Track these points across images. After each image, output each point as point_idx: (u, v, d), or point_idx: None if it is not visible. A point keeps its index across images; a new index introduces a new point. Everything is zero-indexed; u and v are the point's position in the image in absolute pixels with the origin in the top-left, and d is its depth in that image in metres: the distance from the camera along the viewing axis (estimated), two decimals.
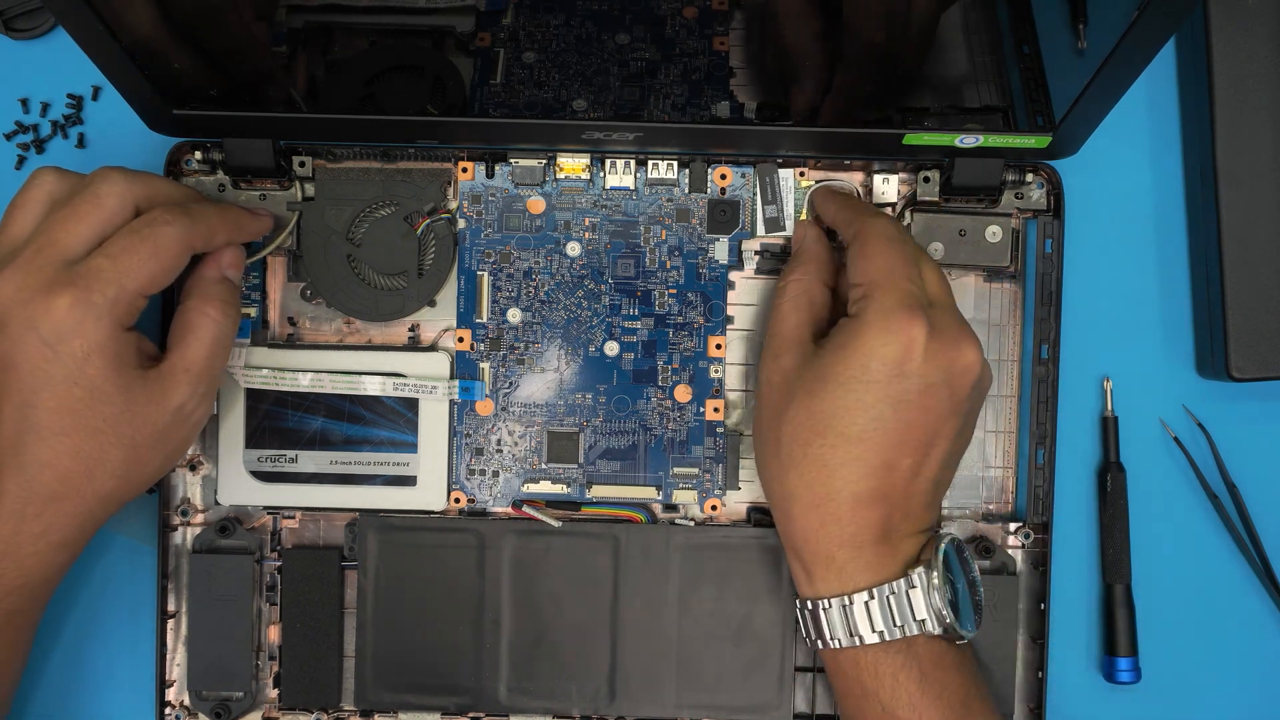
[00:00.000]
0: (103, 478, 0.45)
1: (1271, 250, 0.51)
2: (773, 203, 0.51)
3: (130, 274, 0.44)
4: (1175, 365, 0.54)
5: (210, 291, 0.48)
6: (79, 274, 0.44)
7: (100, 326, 0.43)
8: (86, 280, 0.43)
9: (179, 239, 0.45)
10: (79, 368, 0.43)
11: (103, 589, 0.53)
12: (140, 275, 0.44)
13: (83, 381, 0.44)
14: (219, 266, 0.49)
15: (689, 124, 0.51)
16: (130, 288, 0.44)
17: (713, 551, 0.51)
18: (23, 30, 0.54)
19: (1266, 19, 0.51)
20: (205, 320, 0.47)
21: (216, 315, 0.47)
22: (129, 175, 0.46)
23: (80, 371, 0.43)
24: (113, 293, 0.44)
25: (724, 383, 0.52)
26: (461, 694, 0.51)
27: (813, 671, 0.52)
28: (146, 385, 0.45)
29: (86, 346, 0.43)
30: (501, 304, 0.52)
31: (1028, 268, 0.52)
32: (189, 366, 0.46)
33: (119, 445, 0.45)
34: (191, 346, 0.47)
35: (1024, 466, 0.52)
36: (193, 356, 0.47)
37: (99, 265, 0.44)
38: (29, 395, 0.43)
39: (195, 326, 0.47)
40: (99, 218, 0.45)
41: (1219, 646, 0.53)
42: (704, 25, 0.52)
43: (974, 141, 0.48)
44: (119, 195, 0.45)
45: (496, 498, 0.52)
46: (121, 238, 0.45)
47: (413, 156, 0.52)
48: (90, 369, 0.44)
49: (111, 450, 0.45)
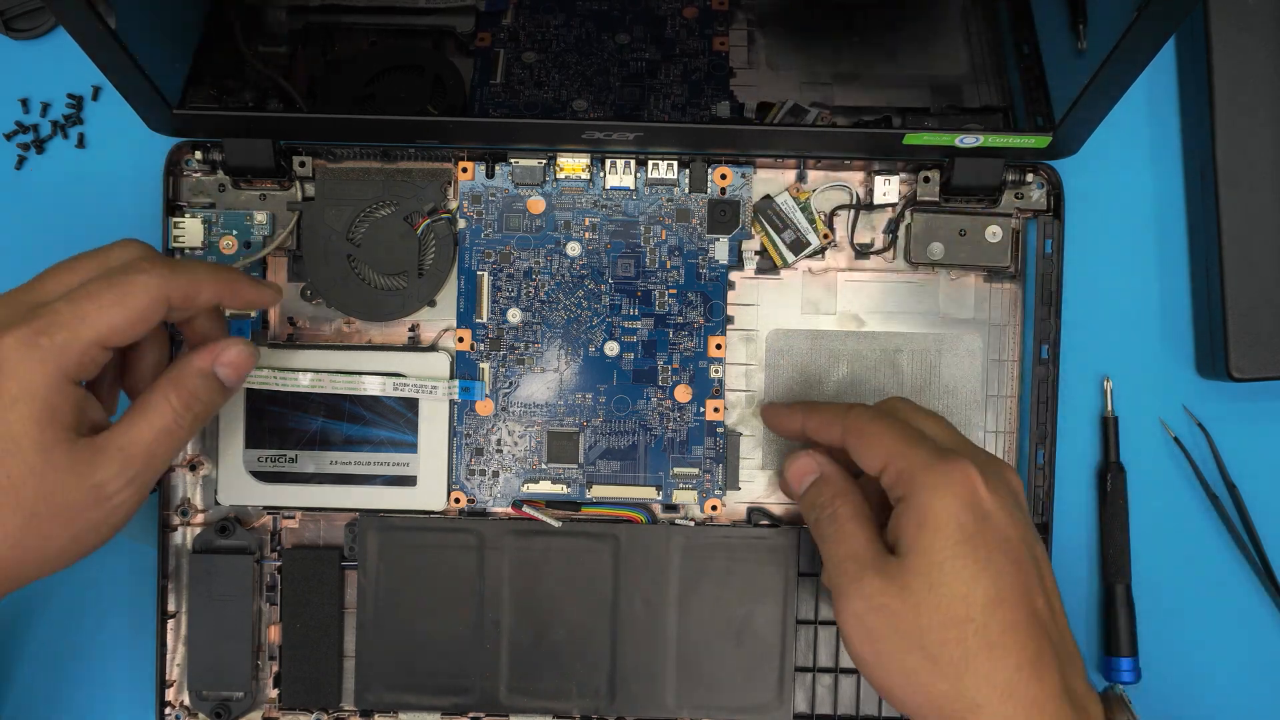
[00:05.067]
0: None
1: (1271, 250, 0.51)
2: (786, 228, 0.51)
3: (88, 319, 0.40)
4: (1175, 365, 0.54)
5: (186, 382, 0.43)
6: (34, 314, 0.40)
7: (40, 371, 0.39)
8: (41, 321, 0.39)
9: (152, 287, 0.41)
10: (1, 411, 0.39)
11: (103, 589, 0.53)
12: (99, 322, 0.40)
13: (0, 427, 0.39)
14: (211, 358, 0.44)
15: (689, 124, 0.51)
16: (85, 335, 0.40)
17: (713, 551, 0.51)
18: (23, 30, 0.54)
19: (1266, 19, 0.51)
20: (164, 406, 0.42)
21: (178, 406, 0.43)
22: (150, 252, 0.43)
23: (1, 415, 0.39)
24: (62, 338, 0.39)
25: (724, 383, 0.52)
26: (461, 694, 0.51)
27: (812, 671, 0.52)
28: (71, 451, 0.40)
29: (16, 390, 0.39)
30: (501, 304, 0.52)
31: (1028, 268, 0.52)
32: (125, 446, 0.41)
33: (16, 509, 0.39)
34: (137, 426, 0.42)
35: (1024, 466, 0.52)
36: (134, 437, 0.42)
37: (56, 307, 0.40)
38: None
39: (150, 408, 0.42)
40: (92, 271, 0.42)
41: (1219, 646, 0.53)
42: (704, 25, 0.52)
43: (974, 141, 0.48)
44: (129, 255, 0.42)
45: (496, 498, 0.52)
46: (90, 283, 0.41)
47: (413, 156, 0.52)
48: (12, 415, 0.39)
49: (6, 511, 0.39)
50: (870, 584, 0.41)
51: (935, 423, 0.45)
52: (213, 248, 0.52)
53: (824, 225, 0.52)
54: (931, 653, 0.40)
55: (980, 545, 0.40)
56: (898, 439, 0.43)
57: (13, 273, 0.53)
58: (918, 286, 0.52)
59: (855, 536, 0.43)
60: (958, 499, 0.40)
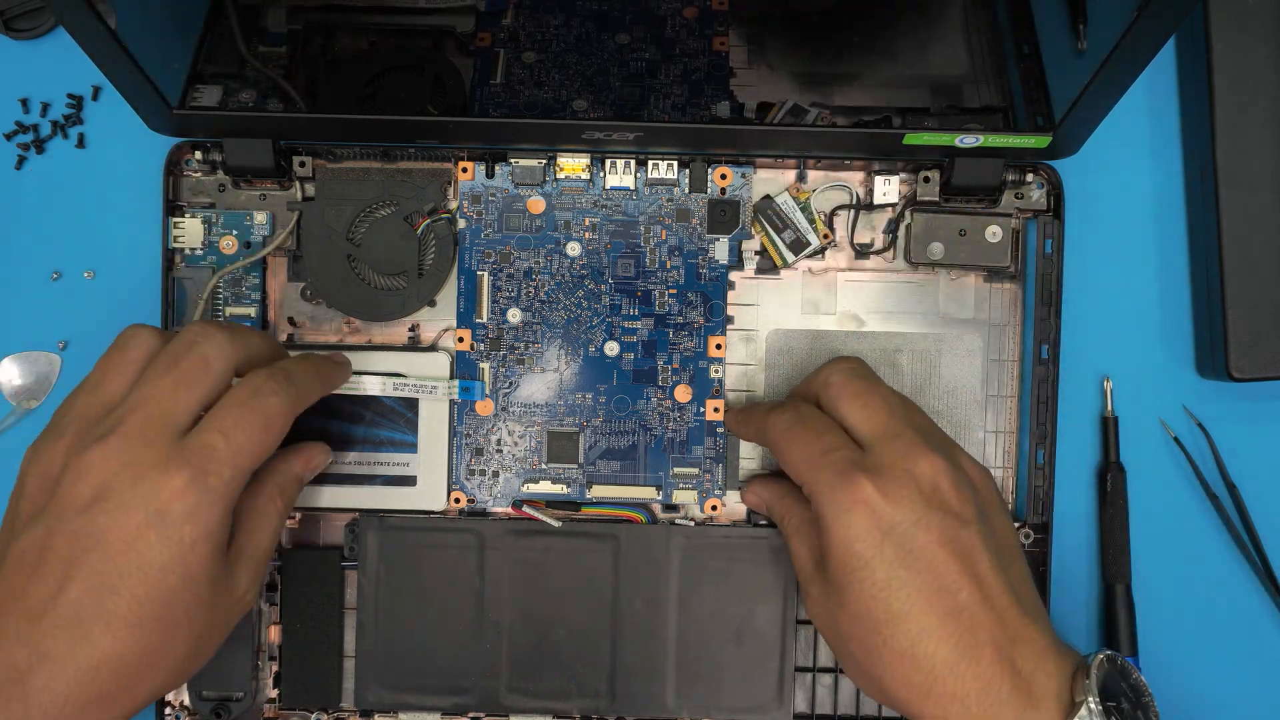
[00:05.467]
0: (160, 674, 0.41)
1: (1271, 250, 0.51)
2: (786, 228, 0.51)
3: (244, 452, 0.41)
4: (1175, 365, 0.54)
5: (289, 488, 0.46)
6: (192, 451, 0.40)
7: (214, 513, 0.40)
8: (201, 460, 0.40)
9: (286, 410, 0.43)
10: (181, 555, 0.40)
11: None
12: (254, 453, 0.42)
13: (179, 570, 0.40)
14: (306, 465, 0.48)
15: (689, 124, 0.51)
16: (244, 466, 0.41)
17: (713, 551, 0.51)
18: (23, 30, 0.54)
19: (1266, 19, 0.51)
20: (274, 512, 0.45)
21: (283, 509, 0.46)
22: (230, 333, 0.43)
23: (181, 559, 0.40)
24: (228, 475, 0.41)
25: (724, 383, 0.52)
26: (461, 694, 0.51)
27: (812, 671, 0.52)
28: (225, 574, 0.42)
29: (196, 533, 0.40)
30: (501, 304, 0.52)
31: (1028, 268, 0.52)
32: (255, 555, 0.44)
33: (188, 639, 0.41)
34: (260, 535, 0.44)
35: (1024, 466, 0.52)
36: (260, 545, 0.44)
37: (213, 443, 0.41)
38: (114, 579, 0.39)
39: (266, 515, 0.45)
40: (207, 384, 0.42)
41: (1219, 646, 0.53)
42: (704, 25, 0.52)
43: (974, 141, 0.48)
44: (225, 359, 0.42)
45: (496, 498, 0.52)
46: (230, 410, 0.42)
47: (413, 156, 0.52)
48: (193, 557, 0.40)
49: (180, 645, 0.41)
50: (813, 591, 0.45)
51: (862, 406, 0.44)
52: (212, 248, 0.52)
53: (824, 225, 0.52)
54: (857, 657, 0.43)
55: (879, 565, 0.41)
56: (804, 458, 0.44)
57: (13, 272, 0.53)
58: (918, 286, 0.52)
59: (799, 549, 0.46)
60: (854, 526, 0.42)
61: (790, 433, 0.45)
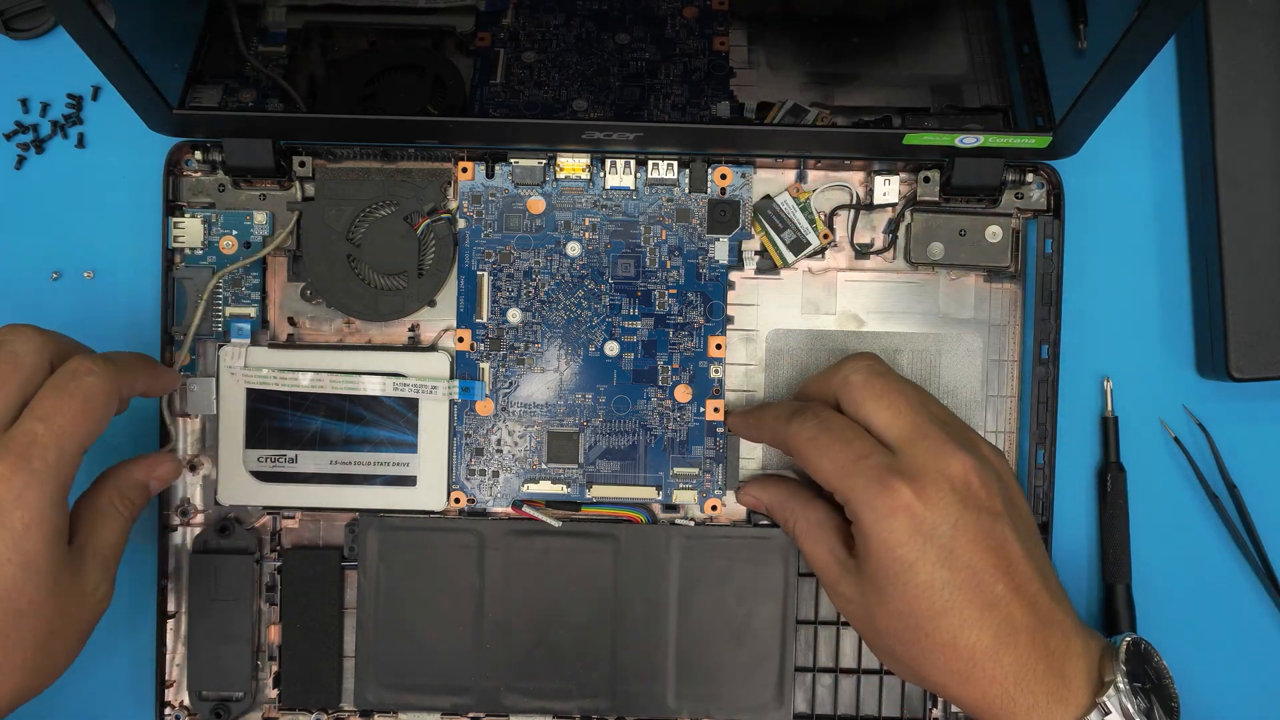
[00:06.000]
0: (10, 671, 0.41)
1: (1271, 250, 0.51)
2: (786, 228, 0.51)
3: (67, 434, 0.41)
4: (1175, 365, 0.54)
5: (129, 493, 0.46)
6: (13, 440, 0.41)
7: (43, 495, 0.40)
8: (24, 445, 0.40)
9: (106, 389, 0.43)
10: (15, 542, 0.40)
11: None
12: (77, 434, 0.42)
13: (17, 558, 0.40)
14: (149, 472, 0.47)
15: (689, 124, 0.51)
16: (69, 449, 0.41)
17: (713, 551, 0.51)
18: (23, 30, 0.54)
19: (1266, 19, 0.51)
20: (116, 512, 0.45)
21: (124, 512, 0.46)
22: (41, 330, 0.44)
23: (16, 547, 0.40)
24: (53, 457, 0.41)
25: (724, 383, 0.52)
26: (461, 694, 0.51)
27: (812, 671, 0.52)
28: (69, 564, 0.42)
29: (27, 518, 0.40)
30: (501, 304, 0.52)
31: (1028, 268, 0.52)
32: (100, 551, 0.44)
33: (34, 633, 0.41)
34: (103, 532, 0.44)
35: (1024, 466, 0.52)
36: (104, 541, 0.44)
37: (32, 429, 0.41)
38: None
39: (108, 514, 0.45)
40: (19, 379, 0.42)
41: (1219, 646, 0.53)
42: (704, 25, 0.52)
43: (974, 141, 0.48)
44: (35, 352, 0.43)
45: (496, 498, 0.52)
46: (49, 397, 0.42)
47: (413, 156, 0.52)
48: (28, 543, 0.40)
49: (26, 638, 0.41)
50: (843, 590, 0.45)
51: (887, 406, 0.45)
52: (212, 248, 0.52)
53: (824, 225, 0.52)
54: (895, 650, 0.44)
55: (922, 568, 0.42)
56: (835, 467, 0.44)
57: (13, 272, 0.53)
58: (918, 286, 0.52)
59: (817, 550, 0.47)
60: (896, 531, 0.42)
61: (816, 442, 0.45)
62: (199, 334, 0.51)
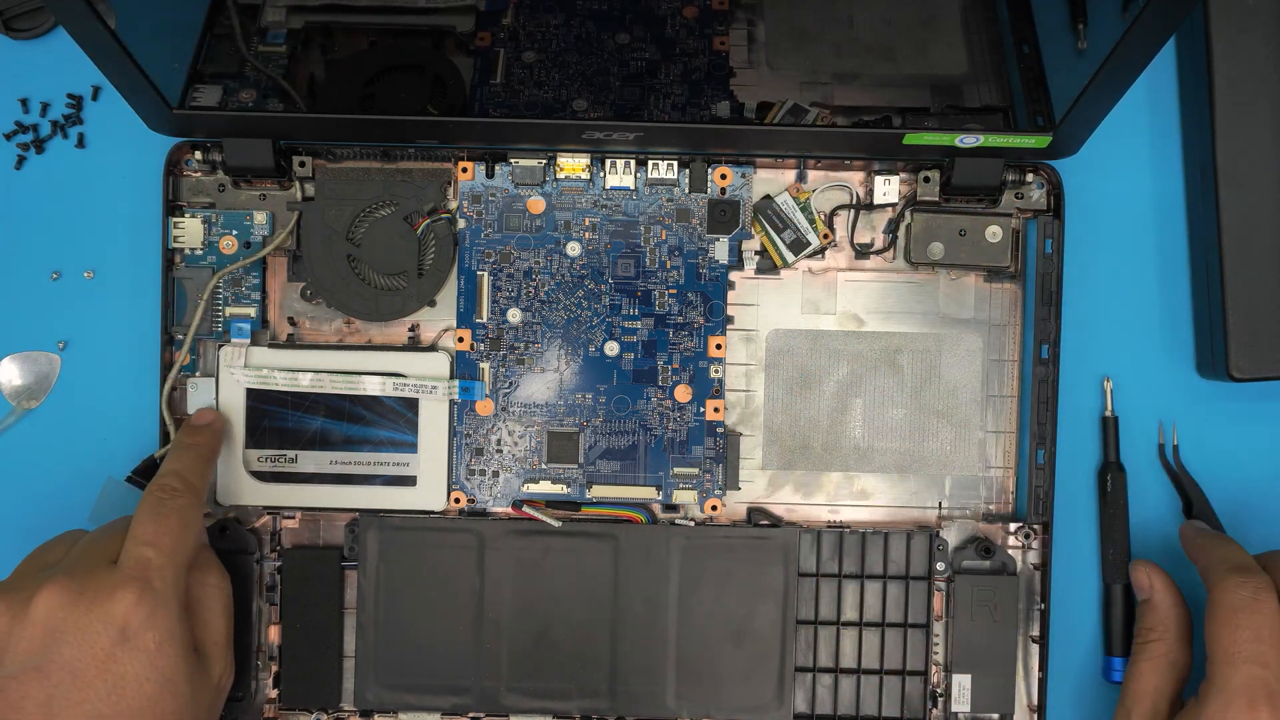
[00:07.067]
0: None
1: (1271, 250, 0.51)
2: (786, 228, 0.51)
3: (175, 553, 0.44)
4: (1175, 365, 0.54)
5: (200, 559, 0.47)
6: (130, 569, 0.43)
7: (170, 614, 0.43)
8: (141, 571, 0.43)
9: (194, 503, 0.46)
10: (151, 661, 0.42)
11: None
12: (184, 551, 0.44)
13: (154, 675, 0.43)
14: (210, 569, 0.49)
15: (689, 124, 0.51)
16: (181, 565, 0.44)
17: (713, 551, 0.51)
18: (23, 30, 0.54)
19: (1266, 19, 0.51)
20: (210, 590, 0.47)
21: (217, 581, 0.48)
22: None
23: (153, 665, 0.42)
24: (170, 576, 0.44)
25: (724, 383, 0.52)
26: (461, 694, 0.51)
27: (812, 672, 0.52)
28: (200, 667, 0.45)
29: (159, 636, 0.43)
30: (501, 304, 0.52)
31: (1028, 268, 0.52)
32: (217, 639, 0.47)
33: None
34: (212, 620, 0.47)
35: (1024, 466, 0.52)
36: (217, 628, 0.47)
37: (144, 555, 0.44)
38: (100, 705, 0.41)
39: (204, 600, 0.47)
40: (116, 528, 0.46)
41: None
42: (704, 25, 0.52)
43: (974, 141, 0.48)
44: None
45: (496, 498, 0.52)
46: (148, 522, 0.44)
47: (413, 156, 0.52)
48: (162, 660, 0.43)
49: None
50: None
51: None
52: (212, 248, 0.52)
53: (824, 225, 0.52)
54: None
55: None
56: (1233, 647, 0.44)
57: (13, 272, 0.53)
58: (918, 286, 0.52)
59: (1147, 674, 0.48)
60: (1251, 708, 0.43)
61: (1233, 613, 0.45)
62: (199, 334, 0.51)
